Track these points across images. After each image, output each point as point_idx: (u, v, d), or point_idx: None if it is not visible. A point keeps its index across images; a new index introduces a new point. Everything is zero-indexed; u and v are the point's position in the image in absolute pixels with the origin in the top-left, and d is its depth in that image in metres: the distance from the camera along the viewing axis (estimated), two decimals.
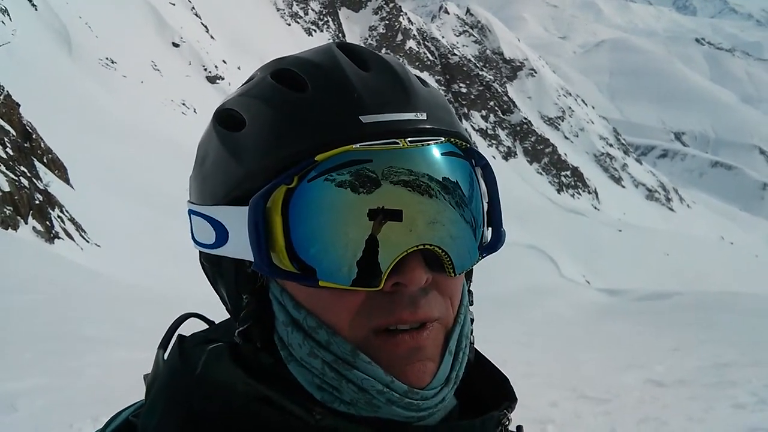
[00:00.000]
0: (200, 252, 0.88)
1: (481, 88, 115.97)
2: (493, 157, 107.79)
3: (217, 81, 62.13)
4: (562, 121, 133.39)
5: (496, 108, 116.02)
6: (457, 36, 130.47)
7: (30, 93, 25.14)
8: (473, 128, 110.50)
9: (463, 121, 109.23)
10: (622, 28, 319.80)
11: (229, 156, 0.80)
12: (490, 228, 0.87)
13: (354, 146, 0.73)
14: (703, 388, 8.05)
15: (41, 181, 15.93)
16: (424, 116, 0.78)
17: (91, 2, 52.37)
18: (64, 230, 14.71)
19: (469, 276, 0.92)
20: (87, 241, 15.57)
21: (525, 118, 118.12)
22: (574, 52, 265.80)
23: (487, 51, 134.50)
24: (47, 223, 13.98)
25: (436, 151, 0.77)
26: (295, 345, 0.78)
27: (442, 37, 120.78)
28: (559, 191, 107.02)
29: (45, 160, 18.25)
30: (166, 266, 14.91)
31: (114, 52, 49.95)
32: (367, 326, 0.76)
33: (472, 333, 0.89)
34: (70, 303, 8.99)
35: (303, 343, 0.77)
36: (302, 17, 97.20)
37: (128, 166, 27.79)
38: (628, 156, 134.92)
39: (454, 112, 0.87)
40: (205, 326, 0.98)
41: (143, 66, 53.07)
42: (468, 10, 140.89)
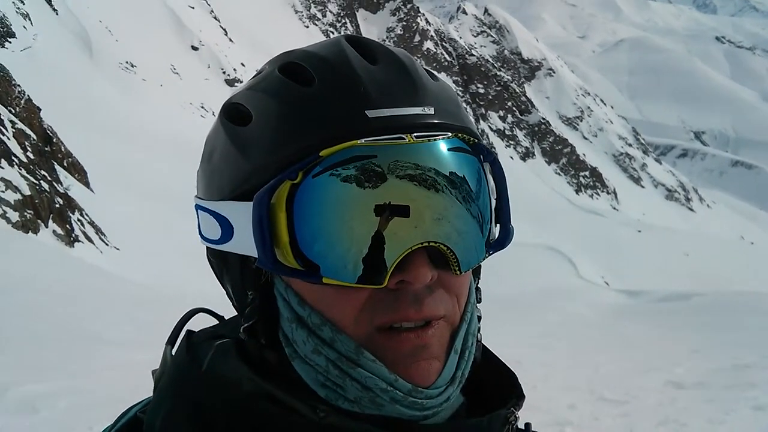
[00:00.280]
0: (207, 247, 0.88)
1: (498, 88, 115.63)
2: (511, 157, 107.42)
3: (236, 84, 62.40)
4: (581, 121, 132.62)
5: (514, 108, 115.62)
6: (475, 36, 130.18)
7: (51, 97, 25.43)
8: (491, 129, 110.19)
9: (481, 121, 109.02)
10: (642, 26, 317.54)
11: (235, 151, 0.79)
12: (498, 224, 0.86)
13: (359, 141, 0.72)
14: (723, 390, 7.98)
15: (61, 184, 16.08)
16: (431, 111, 0.77)
17: (111, 7, 52.87)
18: (84, 234, 14.83)
19: (476, 273, 0.91)
20: (106, 245, 15.69)
21: (543, 119, 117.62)
22: (593, 51, 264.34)
23: (505, 51, 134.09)
24: (67, 226, 14.10)
25: (443, 146, 0.75)
26: (299, 342, 0.77)
27: (460, 37, 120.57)
28: (577, 192, 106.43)
29: (65, 164, 18.44)
30: (185, 268, 15.00)
31: (134, 56, 50.37)
32: (372, 324, 0.75)
33: (479, 331, 0.88)
34: (90, 305, 9.07)
35: (307, 340, 0.76)
36: (320, 19, 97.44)
37: (147, 169, 27.98)
38: (648, 156, 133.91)
39: (464, 106, 0.85)
40: (216, 321, 0.97)
41: (162, 70, 53.47)
42: (486, 11, 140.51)
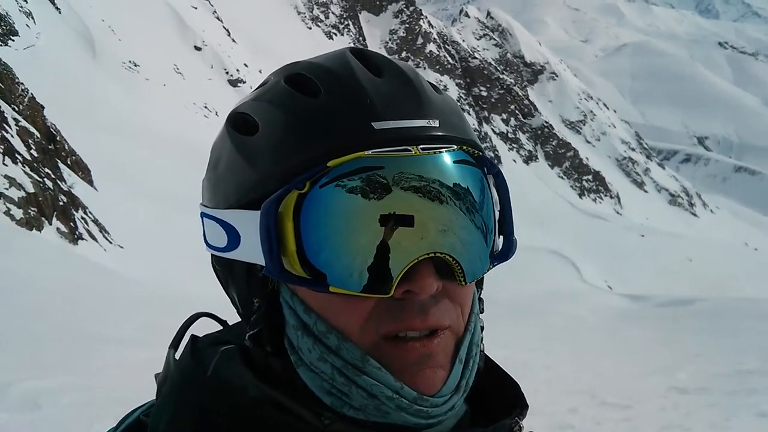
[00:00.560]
0: (212, 255, 0.88)
1: (501, 91, 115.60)
2: (514, 161, 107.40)
3: (239, 84, 62.48)
4: (584, 125, 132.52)
5: (516, 112, 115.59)
6: (478, 39, 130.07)
7: (54, 95, 25.46)
8: (494, 132, 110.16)
9: (484, 124, 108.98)
10: (644, 31, 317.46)
11: (242, 160, 0.80)
12: (502, 236, 0.86)
13: (366, 152, 0.73)
14: (726, 395, 7.97)
15: (65, 182, 16.09)
16: (436, 123, 0.78)
17: (114, 6, 52.90)
18: (88, 231, 14.84)
19: (480, 283, 0.91)
20: (110, 242, 15.71)
21: (546, 122, 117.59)
22: (595, 55, 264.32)
23: (508, 54, 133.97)
24: (71, 224, 14.12)
25: (447, 159, 0.76)
26: (304, 349, 0.78)
27: (463, 40, 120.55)
28: (580, 196, 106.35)
29: (69, 162, 18.46)
30: (187, 268, 15.00)
31: (137, 56, 50.42)
32: (377, 332, 0.75)
33: (482, 341, 0.89)
34: (93, 303, 9.07)
35: (313, 348, 0.77)
36: (323, 21, 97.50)
37: (150, 168, 28.01)
38: (651, 160, 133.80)
39: (467, 119, 0.87)
40: (217, 325, 0.98)
41: (165, 69, 53.52)
42: (489, 14, 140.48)
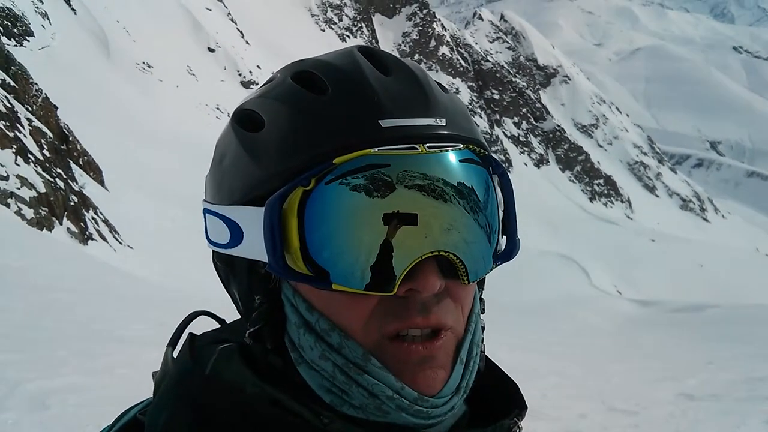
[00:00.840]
0: (213, 252, 0.88)
1: (513, 94, 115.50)
2: (525, 164, 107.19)
3: (252, 86, 62.64)
4: (596, 128, 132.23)
5: (528, 115, 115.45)
6: (491, 42, 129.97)
7: (68, 96, 25.60)
8: (505, 135, 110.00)
9: (495, 127, 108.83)
10: (659, 35, 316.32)
11: (247, 156, 0.80)
12: (505, 236, 0.86)
13: (372, 150, 0.73)
14: (736, 402, 7.92)
15: (77, 182, 16.17)
16: (443, 122, 0.78)
17: (129, 7, 53.21)
18: (98, 232, 14.90)
19: (481, 284, 0.91)
20: (120, 243, 15.76)
21: (558, 126, 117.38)
22: (609, 59, 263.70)
23: (521, 57, 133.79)
24: (81, 224, 14.17)
25: (453, 157, 0.76)
26: (306, 347, 0.78)
27: (476, 43, 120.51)
28: (591, 200, 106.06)
29: (81, 163, 18.54)
30: (196, 268, 15.04)
31: (151, 57, 50.65)
32: (380, 331, 0.75)
33: (482, 341, 0.89)
34: (102, 303, 9.10)
35: (315, 346, 0.77)
36: (336, 23, 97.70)
37: (162, 169, 28.11)
38: (663, 165, 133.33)
39: (475, 120, 0.87)
40: (216, 324, 0.98)
41: (179, 70, 53.75)
42: (502, 17, 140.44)
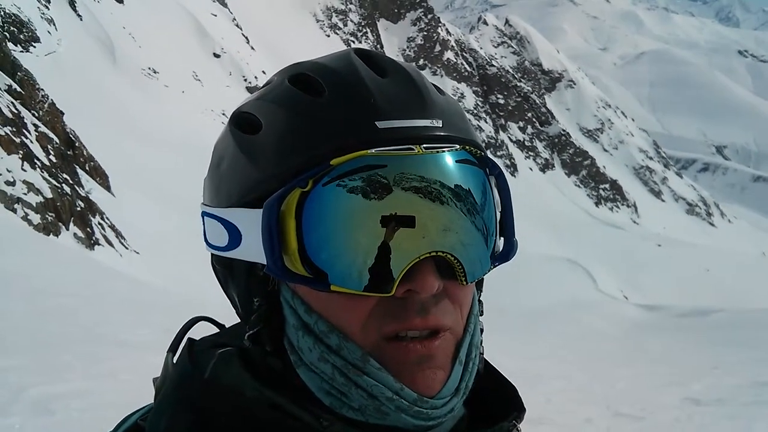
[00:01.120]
0: (212, 255, 0.89)
1: (518, 99, 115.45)
2: (530, 168, 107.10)
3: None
4: (601, 133, 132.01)
5: (533, 119, 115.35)
6: (496, 47, 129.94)
7: (74, 101, 25.70)
8: (510, 139, 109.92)
9: (500, 132, 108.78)
10: (664, 39, 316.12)
11: (244, 159, 0.80)
12: (503, 237, 0.87)
13: (369, 151, 0.73)
14: (742, 407, 7.90)
15: (83, 188, 16.21)
16: (439, 123, 0.79)
17: (135, 13, 53.40)
18: (104, 237, 14.93)
19: (480, 286, 0.92)
20: (126, 248, 15.78)
21: (563, 130, 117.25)
22: (614, 63, 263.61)
23: (526, 62, 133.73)
24: (88, 229, 14.20)
25: (449, 159, 0.77)
26: (305, 349, 0.78)
27: (480, 48, 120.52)
28: (597, 204, 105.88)
29: (87, 168, 18.60)
30: (201, 273, 15.03)
31: (156, 62, 50.79)
32: (378, 332, 0.75)
33: (481, 343, 0.89)
34: (107, 308, 9.12)
35: (313, 348, 0.77)
36: (341, 28, 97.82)
37: (168, 174, 28.15)
38: (668, 169, 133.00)
39: (469, 120, 0.87)
40: (216, 330, 0.98)
41: (184, 76, 53.86)
42: (507, 21, 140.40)
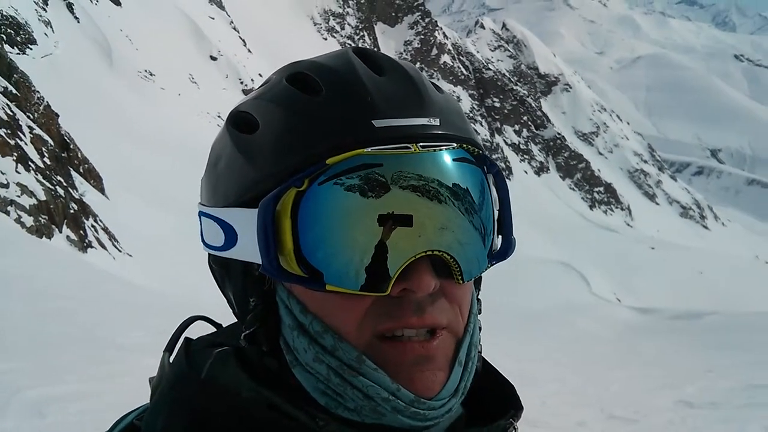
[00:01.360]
0: (209, 255, 0.88)
1: (515, 102, 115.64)
2: (526, 171, 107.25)
3: None
4: (597, 136, 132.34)
5: (529, 123, 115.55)
6: (492, 51, 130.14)
7: (70, 104, 25.67)
8: (506, 143, 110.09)
9: (496, 135, 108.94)
10: (660, 43, 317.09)
11: (241, 158, 0.80)
12: (501, 235, 0.86)
13: (365, 150, 0.73)
14: (735, 409, 7.93)
15: (77, 190, 16.19)
16: (437, 122, 0.78)
17: (132, 16, 53.37)
18: (98, 239, 14.91)
19: (477, 284, 0.91)
20: (119, 251, 15.77)
21: (558, 134, 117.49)
22: (610, 67, 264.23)
23: (522, 66, 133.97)
24: (81, 232, 14.19)
25: (447, 157, 0.76)
26: (300, 349, 0.77)
27: (477, 51, 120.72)
28: (591, 207, 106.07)
29: (81, 170, 18.58)
30: (196, 275, 15.05)
31: (153, 65, 50.75)
32: (374, 331, 0.75)
33: (480, 342, 0.88)
34: (102, 310, 9.12)
35: (308, 348, 0.77)
36: (338, 32, 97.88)
37: (163, 177, 28.13)
38: (663, 173, 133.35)
39: (467, 118, 0.87)
40: (213, 329, 0.98)
41: (181, 79, 53.83)
42: (504, 25, 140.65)
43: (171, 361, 0.88)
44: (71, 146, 18.75)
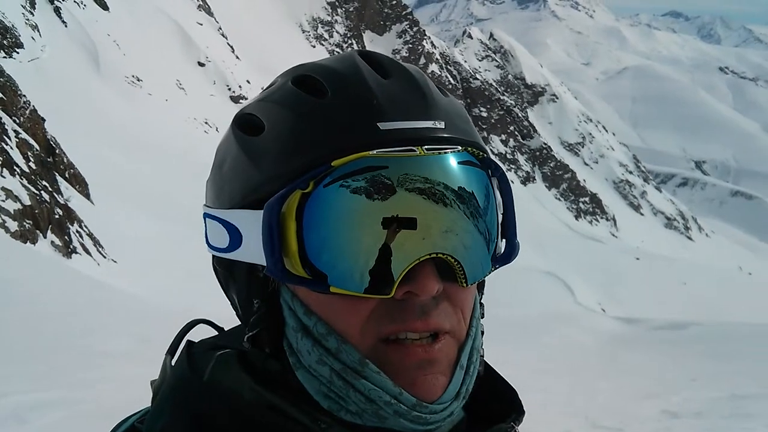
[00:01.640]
0: (213, 256, 0.88)
1: (501, 112, 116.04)
2: (512, 181, 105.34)
3: (241, 101, 62.61)
4: (582, 147, 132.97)
5: (516, 133, 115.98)
6: (480, 60, 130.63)
7: (56, 108, 25.54)
8: (492, 152, 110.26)
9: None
10: (646, 55, 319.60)
11: (247, 160, 0.80)
12: (504, 239, 0.86)
13: (371, 152, 0.73)
14: (720, 419, 7.95)
15: (62, 195, 16.07)
16: (442, 125, 0.78)
17: (119, 21, 53.20)
18: (82, 245, 14.80)
19: (481, 288, 0.91)
20: (104, 257, 15.66)
21: (545, 144, 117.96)
22: (596, 78, 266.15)
23: (509, 76, 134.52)
24: (65, 237, 14.08)
25: (452, 160, 0.76)
26: (304, 351, 0.77)
27: (465, 61, 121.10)
28: (577, 217, 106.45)
29: (67, 175, 18.45)
30: (182, 282, 14.97)
31: (140, 70, 50.58)
32: (378, 334, 0.75)
33: (482, 346, 0.88)
34: (85, 317, 9.04)
35: (312, 350, 0.76)
36: (327, 39, 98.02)
37: (149, 182, 28.01)
38: (648, 184, 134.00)
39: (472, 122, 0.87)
40: (215, 333, 0.98)
41: (168, 84, 53.67)
42: (491, 35, 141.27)
43: (173, 363, 0.88)
44: (57, 151, 18.62)
